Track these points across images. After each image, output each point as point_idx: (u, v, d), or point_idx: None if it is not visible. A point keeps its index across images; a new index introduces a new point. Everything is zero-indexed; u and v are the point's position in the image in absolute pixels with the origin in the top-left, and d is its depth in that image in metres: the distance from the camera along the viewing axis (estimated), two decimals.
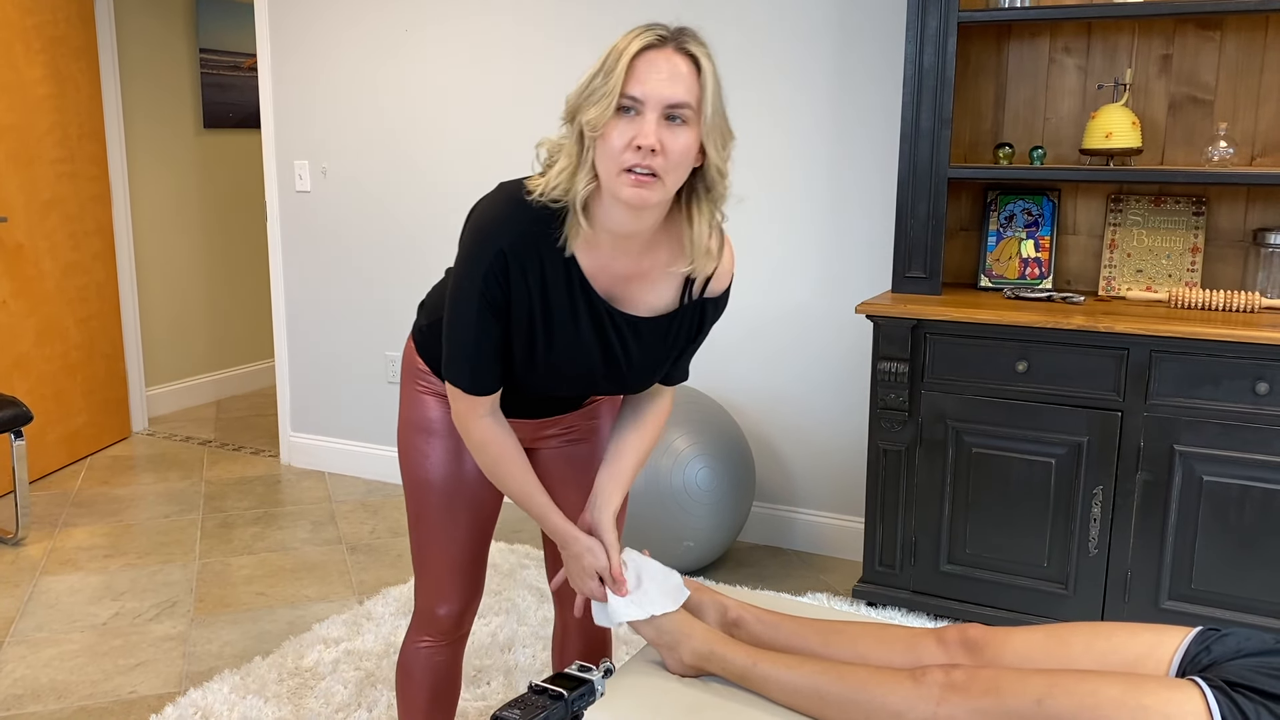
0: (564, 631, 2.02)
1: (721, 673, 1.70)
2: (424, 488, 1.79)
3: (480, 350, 1.56)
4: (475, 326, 1.54)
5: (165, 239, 5.13)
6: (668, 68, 1.41)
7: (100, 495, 4.06)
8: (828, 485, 3.47)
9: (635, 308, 1.60)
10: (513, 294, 1.52)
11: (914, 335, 2.82)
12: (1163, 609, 2.68)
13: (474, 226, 1.54)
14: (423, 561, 1.83)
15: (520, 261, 1.51)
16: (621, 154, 1.41)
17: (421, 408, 1.78)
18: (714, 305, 1.65)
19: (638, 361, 1.64)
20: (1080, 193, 3.07)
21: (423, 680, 1.89)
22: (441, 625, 1.85)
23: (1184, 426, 2.60)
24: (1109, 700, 1.40)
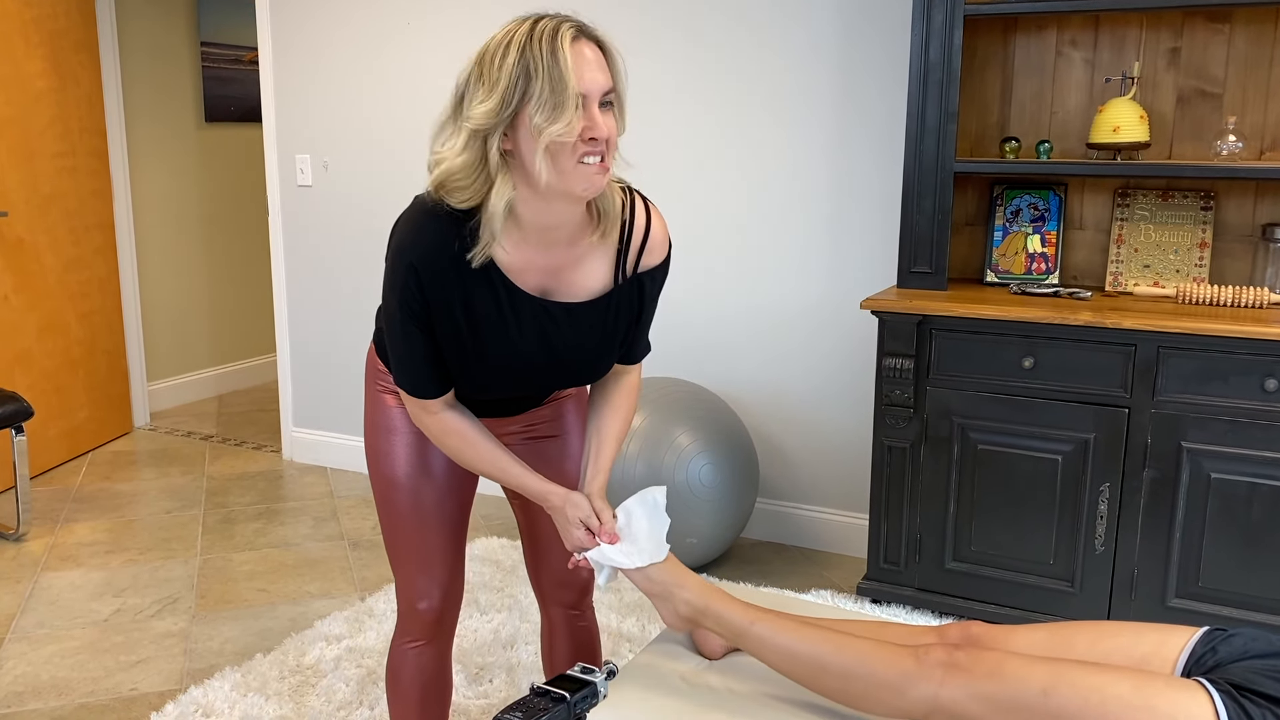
0: (551, 631, 2.00)
1: (716, 628, 1.65)
2: (391, 486, 1.79)
3: (414, 360, 1.59)
4: (404, 339, 1.57)
5: (166, 234, 5.11)
6: (592, 57, 1.43)
7: (101, 491, 4.05)
8: (832, 481, 3.45)
9: (571, 295, 1.60)
10: (431, 305, 1.54)
11: (919, 331, 2.80)
12: (1170, 607, 2.66)
13: (391, 242, 1.56)
14: (398, 559, 1.82)
15: (432, 273, 1.51)
16: (576, 149, 1.42)
17: (383, 408, 1.79)
18: (650, 278, 1.66)
19: (585, 347, 1.64)
20: (1087, 187, 3.04)
21: (412, 682, 1.87)
22: (423, 620, 1.83)
23: (1192, 423, 2.58)
24: (1115, 698, 1.38)
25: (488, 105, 1.41)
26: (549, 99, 1.38)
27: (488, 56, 1.43)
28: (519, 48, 1.39)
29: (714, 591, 1.68)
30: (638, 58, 3.49)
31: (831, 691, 1.55)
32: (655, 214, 1.65)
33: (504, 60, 1.40)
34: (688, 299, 3.55)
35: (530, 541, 1.93)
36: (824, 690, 1.55)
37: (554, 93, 1.38)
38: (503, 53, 1.41)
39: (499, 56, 1.41)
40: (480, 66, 1.44)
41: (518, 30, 1.42)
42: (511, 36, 1.41)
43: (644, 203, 1.65)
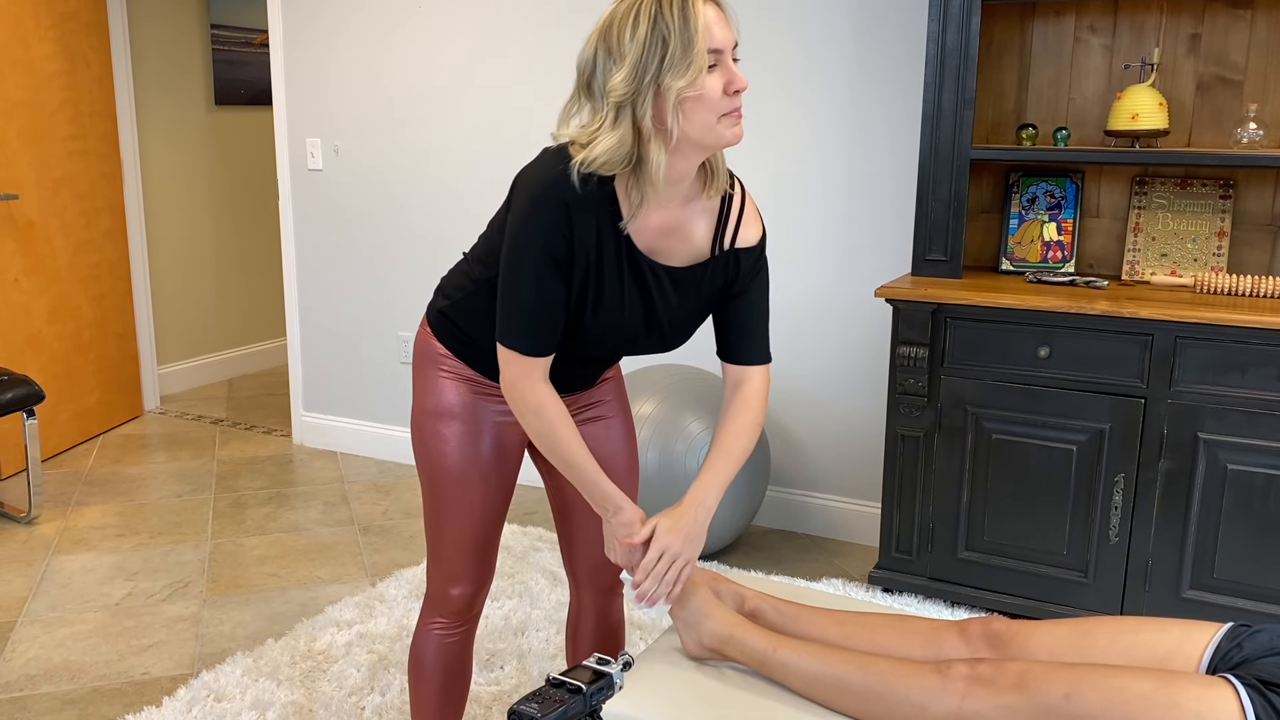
0: (579, 614, 2.00)
1: (739, 657, 1.67)
2: (441, 473, 1.78)
3: (541, 308, 1.57)
4: (536, 284, 1.55)
5: (177, 217, 5.10)
6: (715, 15, 1.48)
7: (112, 474, 4.05)
8: (844, 470, 3.43)
9: (673, 259, 1.63)
10: (574, 246, 1.55)
11: (934, 319, 2.78)
12: (1184, 598, 2.64)
13: (532, 183, 1.56)
14: (437, 544, 1.82)
15: (584, 215, 1.54)
16: (720, 103, 1.48)
17: (440, 393, 1.77)
18: (746, 254, 1.67)
19: (677, 314, 1.67)
20: (1104, 175, 3.02)
21: (435, 665, 1.88)
22: (454, 606, 1.84)
23: (1208, 414, 2.55)
24: (1138, 697, 1.37)
25: (628, 75, 1.46)
26: (688, 60, 1.44)
27: (614, 29, 1.48)
28: (650, 17, 1.44)
29: (737, 622, 1.69)
30: None
31: (856, 711, 1.55)
32: (749, 194, 1.71)
33: (635, 30, 1.45)
34: None
35: (565, 524, 1.92)
36: (849, 711, 1.56)
37: (688, 53, 1.44)
38: (633, 22, 1.45)
39: (629, 27, 1.46)
40: (607, 41, 1.48)
41: (641, 3, 1.46)
42: (639, 6, 1.46)
43: (739, 181, 1.71)
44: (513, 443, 1.82)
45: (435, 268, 4.00)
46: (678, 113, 1.47)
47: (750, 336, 1.72)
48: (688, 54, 1.44)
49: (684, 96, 1.46)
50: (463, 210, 3.91)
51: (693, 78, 1.45)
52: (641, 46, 1.45)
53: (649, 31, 1.44)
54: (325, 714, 2.39)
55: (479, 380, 1.76)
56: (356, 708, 2.42)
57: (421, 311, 4.03)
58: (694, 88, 1.45)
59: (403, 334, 4.13)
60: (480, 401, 1.77)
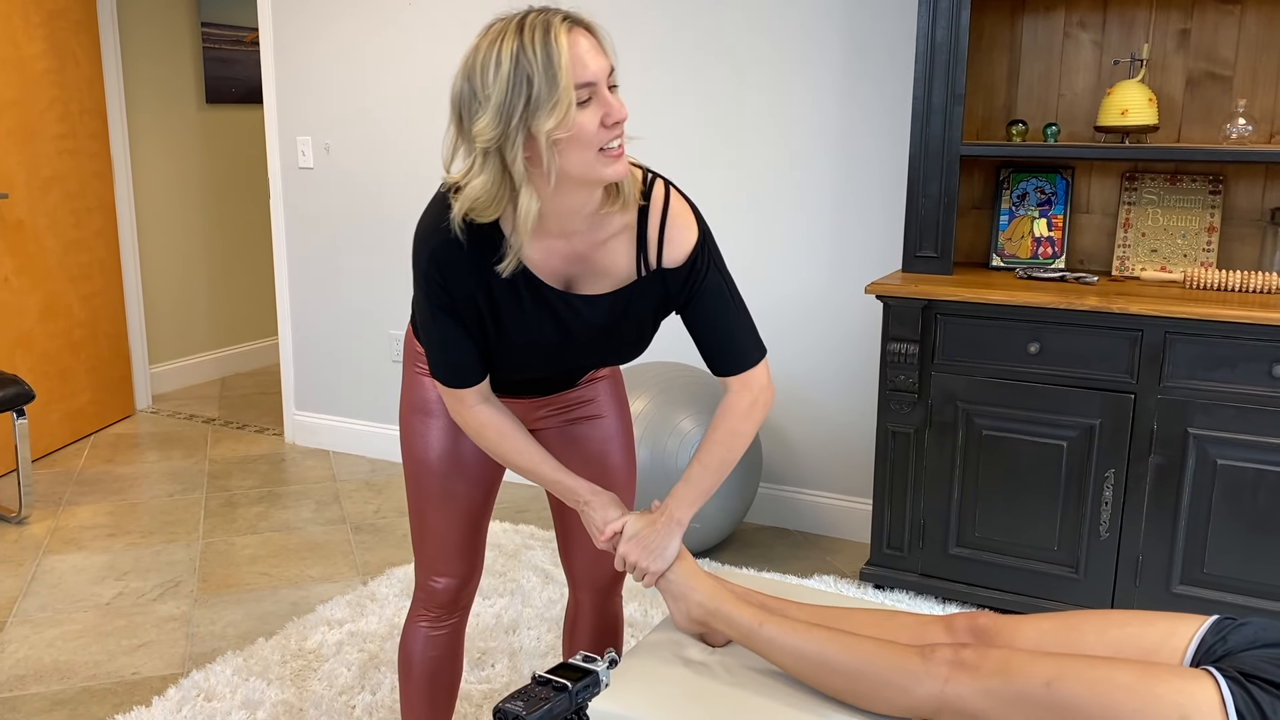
0: (576, 612, 2.00)
1: (725, 630, 1.66)
2: (421, 466, 1.80)
3: (448, 349, 1.59)
4: (436, 329, 1.58)
5: (168, 215, 5.09)
6: (586, 44, 1.38)
7: (104, 474, 4.04)
8: (835, 466, 3.43)
9: (594, 283, 1.57)
10: (455, 294, 1.53)
11: (924, 316, 2.78)
12: (1174, 593, 2.65)
13: (416, 232, 1.57)
14: (421, 538, 1.84)
15: (455, 266, 1.51)
16: (597, 137, 1.39)
17: (419, 389, 1.79)
18: (674, 274, 1.57)
19: (607, 335, 1.62)
20: (1094, 171, 3.02)
21: (423, 659, 1.89)
22: (439, 599, 1.85)
23: (1198, 409, 2.56)
24: (1120, 687, 1.37)
25: (487, 119, 1.37)
26: (554, 99, 1.35)
27: (478, 68, 1.38)
28: (511, 55, 1.35)
29: (724, 594, 1.68)
30: (632, 41, 3.46)
31: (838, 691, 1.55)
32: (677, 199, 1.58)
33: (498, 70, 1.35)
34: None
35: (562, 524, 1.92)
36: (831, 690, 1.55)
37: (553, 91, 1.34)
38: (495, 62, 1.36)
39: (491, 67, 1.36)
40: (470, 81, 1.39)
41: (504, 34, 1.37)
42: (500, 43, 1.36)
43: (664, 186, 1.58)
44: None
45: None
46: (553, 153, 1.38)
47: (717, 347, 1.63)
48: (554, 93, 1.34)
49: (555, 137, 1.37)
50: None
51: (560, 118, 1.35)
52: (505, 88, 1.35)
53: (511, 71, 1.35)
54: (316, 713, 2.39)
55: None
56: (347, 706, 2.42)
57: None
58: (564, 127, 1.36)
59: (394, 332, 4.13)
60: None
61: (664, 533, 1.66)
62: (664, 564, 1.68)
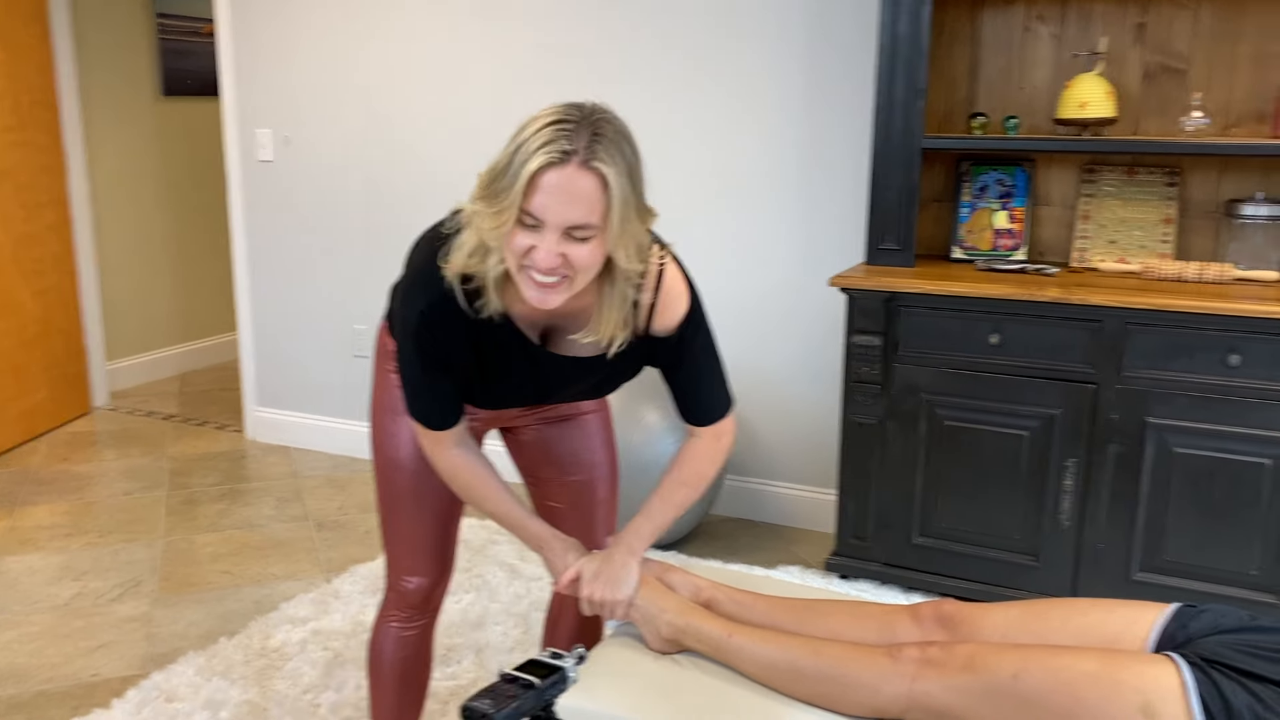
0: (560, 609, 2.02)
1: (696, 645, 1.68)
2: (393, 467, 1.79)
3: (432, 394, 1.60)
4: (420, 375, 1.59)
5: (124, 210, 5.01)
6: (568, 190, 1.33)
7: (61, 473, 3.97)
8: (800, 458, 3.45)
9: (577, 350, 1.59)
10: (445, 347, 1.54)
11: (887, 308, 2.79)
12: (1134, 580, 2.68)
13: (405, 280, 1.57)
14: (392, 538, 1.83)
15: (444, 318, 1.52)
16: (521, 258, 1.40)
17: (391, 389, 1.78)
18: (664, 342, 1.60)
19: (581, 388, 1.66)
20: (1054, 163, 3.05)
21: (393, 659, 1.89)
22: (411, 599, 1.85)
23: (1156, 398, 2.59)
24: (1084, 675, 1.39)
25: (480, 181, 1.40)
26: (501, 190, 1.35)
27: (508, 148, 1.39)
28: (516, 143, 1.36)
29: (692, 610, 1.70)
30: (592, 35, 3.44)
31: (810, 696, 1.56)
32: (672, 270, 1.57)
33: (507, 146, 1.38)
34: None
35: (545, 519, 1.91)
36: (803, 695, 1.57)
37: (505, 189, 1.35)
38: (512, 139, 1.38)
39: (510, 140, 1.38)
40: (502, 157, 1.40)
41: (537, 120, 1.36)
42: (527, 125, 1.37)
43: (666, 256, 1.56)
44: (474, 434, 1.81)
45: (387, 260, 3.95)
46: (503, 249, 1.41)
47: (693, 399, 1.66)
48: (506, 192, 1.34)
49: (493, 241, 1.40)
50: (416, 202, 3.88)
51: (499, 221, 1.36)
52: (498, 164, 1.37)
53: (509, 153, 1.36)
54: (280, 712, 2.36)
55: None
56: (311, 705, 2.40)
57: (374, 305, 3.99)
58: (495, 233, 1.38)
59: (357, 327, 4.09)
60: None
61: (621, 565, 1.67)
62: (629, 591, 1.67)
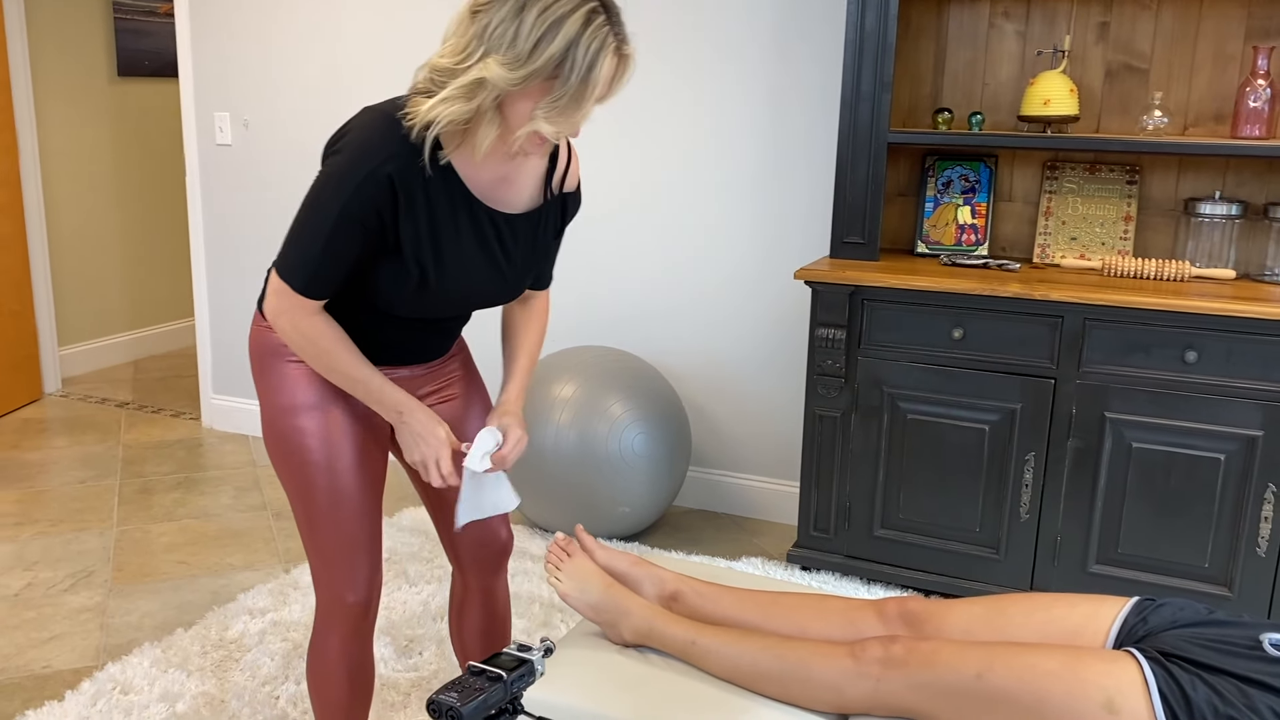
0: (464, 595, 1.97)
1: (662, 648, 1.68)
2: (309, 470, 1.68)
3: (327, 261, 1.53)
4: (328, 237, 1.51)
5: (78, 192, 4.91)
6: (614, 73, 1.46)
7: (10, 460, 3.89)
8: (763, 450, 3.46)
9: (507, 206, 1.63)
10: (400, 223, 1.52)
11: (852, 301, 2.80)
12: (1090, 572, 2.72)
13: (355, 147, 1.51)
14: (319, 551, 1.72)
15: (407, 189, 1.50)
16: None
17: (291, 385, 1.69)
18: (573, 199, 1.73)
19: (518, 261, 1.68)
20: (1017, 159, 3.07)
21: (339, 675, 1.79)
22: (351, 614, 1.75)
23: (1115, 394, 2.63)
24: (1047, 674, 1.40)
25: (514, 75, 1.40)
26: (565, 105, 1.42)
27: (532, 15, 1.38)
28: (567, 41, 1.38)
29: (656, 614, 1.70)
30: None
31: (774, 694, 1.58)
32: (572, 144, 1.74)
33: (549, 39, 1.38)
34: (620, 267, 3.52)
35: (438, 509, 1.90)
36: (766, 693, 1.58)
37: (572, 103, 1.42)
38: (550, 26, 1.38)
39: (545, 30, 1.38)
40: (519, 20, 1.39)
41: (572, 12, 1.39)
42: (565, 18, 1.38)
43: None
44: (378, 423, 1.76)
45: None
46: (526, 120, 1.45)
47: (548, 265, 1.80)
48: (573, 106, 1.43)
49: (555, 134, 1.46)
50: None
51: (562, 126, 1.45)
52: (543, 61, 1.39)
53: (560, 52, 1.39)
54: (238, 704, 2.33)
55: None
56: (270, 697, 2.37)
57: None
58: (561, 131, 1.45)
59: None
60: (335, 386, 1.69)
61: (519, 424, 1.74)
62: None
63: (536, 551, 3.10)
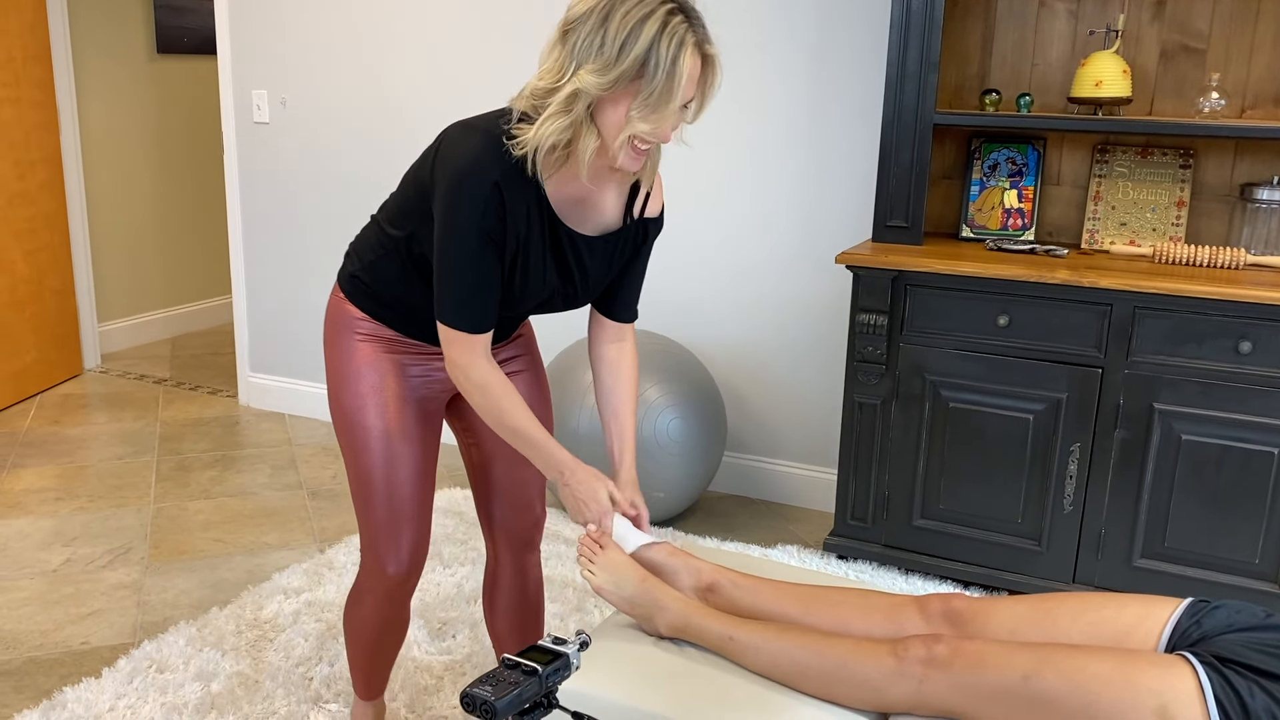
0: (495, 573, 2.00)
1: (698, 642, 1.65)
2: (365, 436, 1.76)
3: (481, 289, 1.59)
4: (474, 266, 1.56)
5: (117, 169, 4.93)
6: (697, 72, 1.49)
7: (51, 435, 3.93)
8: (800, 436, 3.42)
9: (585, 227, 1.66)
10: (508, 228, 1.56)
11: (894, 287, 2.75)
12: (1136, 567, 2.66)
13: (460, 166, 1.54)
14: (368, 519, 1.79)
15: (512, 194, 1.54)
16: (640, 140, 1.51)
17: (358, 356, 1.76)
18: (654, 225, 1.75)
19: (591, 278, 1.71)
20: (1066, 142, 2.99)
21: (371, 629, 1.91)
22: (390, 583, 1.82)
23: (1164, 384, 2.56)
24: (1098, 678, 1.36)
25: (603, 80, 1.45)
26: (654, 102, 1.46)
27: (615, 22, 1.43)
28: (650, 39, 1.43)
29: (693, 608, 1.67)
30: None
31: (813, 691, 1.54)
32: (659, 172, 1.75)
33: (632, 41, 1.43)
34: (658, 251, 3.48)
35: (483, 479, 1.93)
36: (805, 690, 1.55)
37: (660, 99, 1.45)
38: (632, 29, 1.43)
39: (628, 34, 1.43)
40: (604, 29, 1.44)
41: (652, 12, 1.43)
42: (646, 19, 1.43)
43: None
44: (434, 400, 1.82)
45: None
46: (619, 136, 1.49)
47: (630, 293, 1.81)
48: (662, 102, 1.46)
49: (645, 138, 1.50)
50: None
51: (657, 125, 1.48)
52: (630, 63, 1.44)
53: (644, 51, 1.43)
54: (272, 685, 2.33)
55: (398, 339, 1.77)
56: (304, 678, 2.37)
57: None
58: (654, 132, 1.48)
59: None
60: (399, 360, 1.77)
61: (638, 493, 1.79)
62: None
63: (570, 535, 3.09)
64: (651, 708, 1.53)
